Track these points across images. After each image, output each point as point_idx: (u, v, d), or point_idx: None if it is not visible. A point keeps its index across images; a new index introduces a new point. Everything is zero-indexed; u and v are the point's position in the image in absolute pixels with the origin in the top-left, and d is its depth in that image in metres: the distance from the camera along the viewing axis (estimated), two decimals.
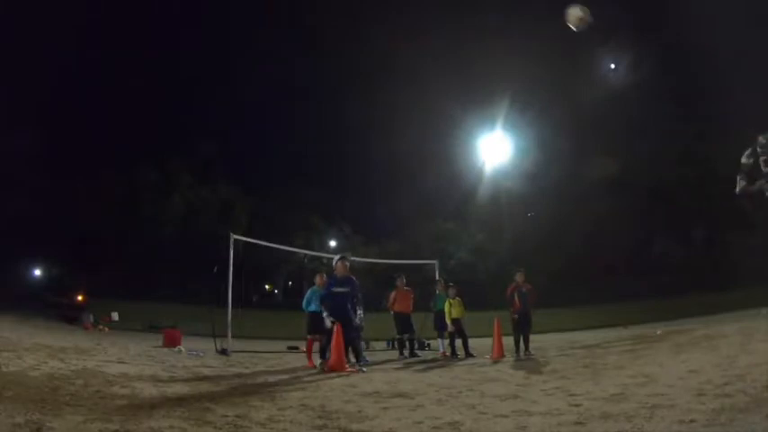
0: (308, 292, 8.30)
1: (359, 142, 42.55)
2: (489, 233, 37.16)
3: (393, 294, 10.11)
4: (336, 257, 6.68)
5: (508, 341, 8.90)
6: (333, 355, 6.69)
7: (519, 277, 9.16)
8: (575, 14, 5.49)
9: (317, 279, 8.37)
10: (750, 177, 4.48)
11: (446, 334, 9.56)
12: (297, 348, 11.20)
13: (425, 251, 31.74)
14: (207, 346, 9.83)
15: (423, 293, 11.51)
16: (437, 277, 11.60)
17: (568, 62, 35.13)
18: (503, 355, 8.42)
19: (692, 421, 2.66)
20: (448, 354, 9.26)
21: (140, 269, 31.01)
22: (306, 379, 5.59)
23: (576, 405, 3.40)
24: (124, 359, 6.85)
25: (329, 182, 41.18)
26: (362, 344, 9.12)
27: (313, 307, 7.91)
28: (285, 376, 5.81)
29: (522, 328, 8.82)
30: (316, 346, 7.72)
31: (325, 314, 6.87)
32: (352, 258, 8.77)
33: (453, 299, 9.39)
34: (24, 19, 29.63)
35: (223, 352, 9.32)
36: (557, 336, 14.88)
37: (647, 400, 3.34)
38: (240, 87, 48.11)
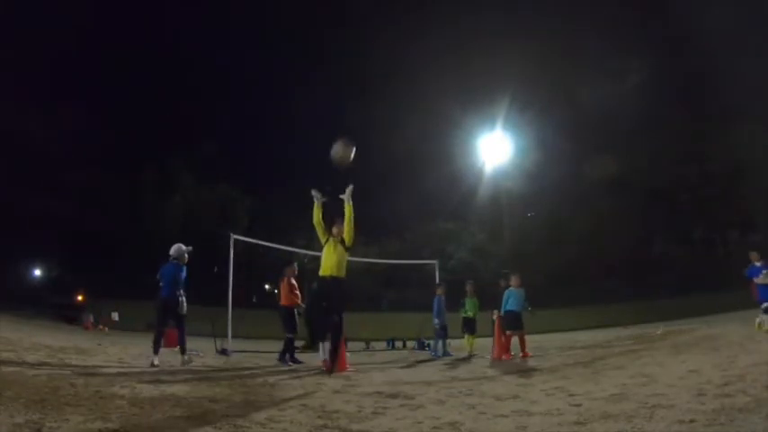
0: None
1: (359, 142, 42.62)
2: (489, 233, 37.15)
3: None
4: None
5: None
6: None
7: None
8: (339, 153, 5.32)
9: None
10: None
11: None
12: (297, 348, 11.19)
13: (425, 251, 31.75)
14: (207, 346, 9.83)
15: (423, 294, 11.55)
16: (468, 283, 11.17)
17: (568, 62, 35.22)
18: (503, 356, 8.43)
19: (692, 421, 2.66)
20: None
21: (140, 269, 31.02)
22: (306, 379, 5.59)
23: (576, 405, 3.40)
24: (124, 359, 6.85)
25: (329, 182, 41.20)
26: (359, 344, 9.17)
27: None
28: (285, 376, 5.80)
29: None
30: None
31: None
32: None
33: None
34: (25, 19, 29.66)
35: (223, 352, 9.33)
36: (557, 336, 14.90)
37: (647, 400, 3.33)
38: (240, 87, 48.13)
